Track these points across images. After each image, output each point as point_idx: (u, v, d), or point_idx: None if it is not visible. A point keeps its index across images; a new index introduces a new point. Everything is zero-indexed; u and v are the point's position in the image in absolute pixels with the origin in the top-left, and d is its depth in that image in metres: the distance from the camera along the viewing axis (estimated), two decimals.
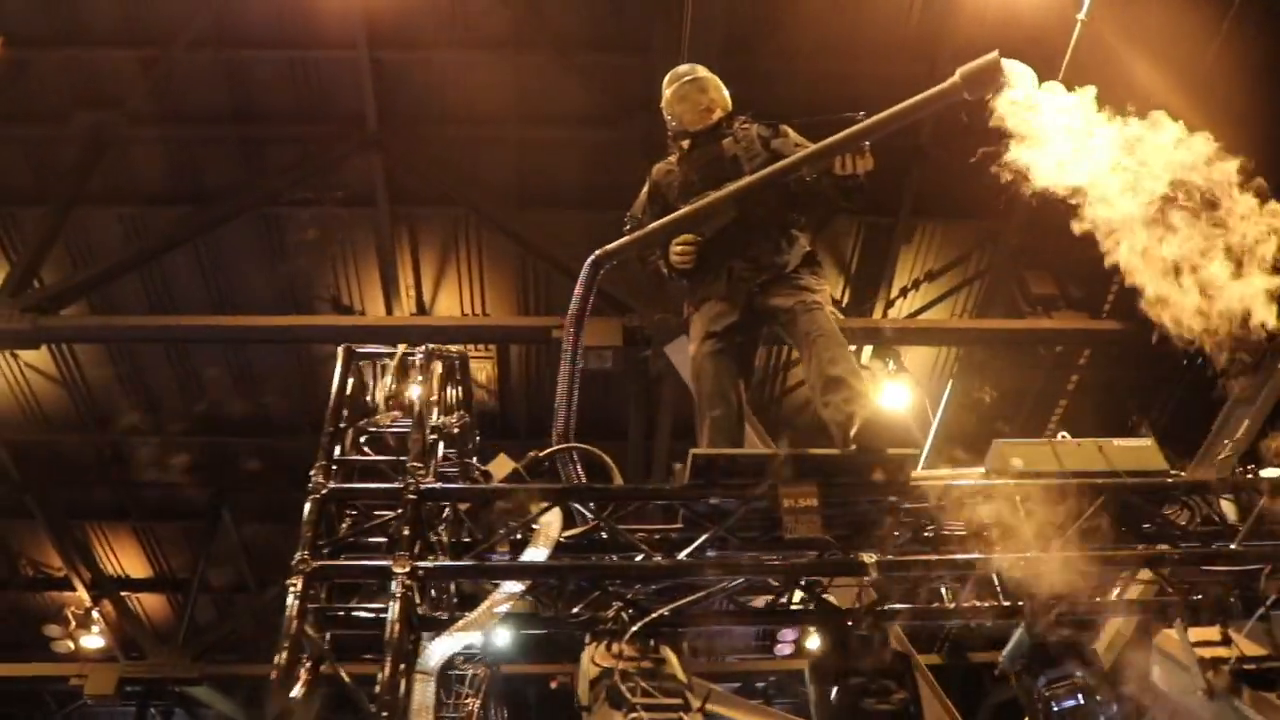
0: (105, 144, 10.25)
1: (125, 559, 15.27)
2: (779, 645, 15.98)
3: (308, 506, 4.55)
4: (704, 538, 4.59)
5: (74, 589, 14.13)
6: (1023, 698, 4.77)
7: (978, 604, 4.71)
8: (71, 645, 14.62)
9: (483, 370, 13.00)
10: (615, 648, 4.23)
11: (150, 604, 15.86)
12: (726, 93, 5.70)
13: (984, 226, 11.22)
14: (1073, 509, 4.58)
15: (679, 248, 5.22)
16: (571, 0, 9.87)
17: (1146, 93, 5.09)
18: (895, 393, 11.72)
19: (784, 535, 4.51)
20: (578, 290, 5.08)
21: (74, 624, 14.57)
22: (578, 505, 4.81)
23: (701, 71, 5.76)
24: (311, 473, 4.64)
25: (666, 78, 5.80)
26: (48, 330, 9.53)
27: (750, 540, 4.70)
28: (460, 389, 5.51)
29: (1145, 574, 4.75)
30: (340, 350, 5.21)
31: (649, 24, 9.68)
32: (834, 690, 4.40)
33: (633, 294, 9.85)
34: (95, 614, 14.26)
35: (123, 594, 14.60)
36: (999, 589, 4.62)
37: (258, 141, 10.70)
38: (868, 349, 11.86)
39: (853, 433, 4.60)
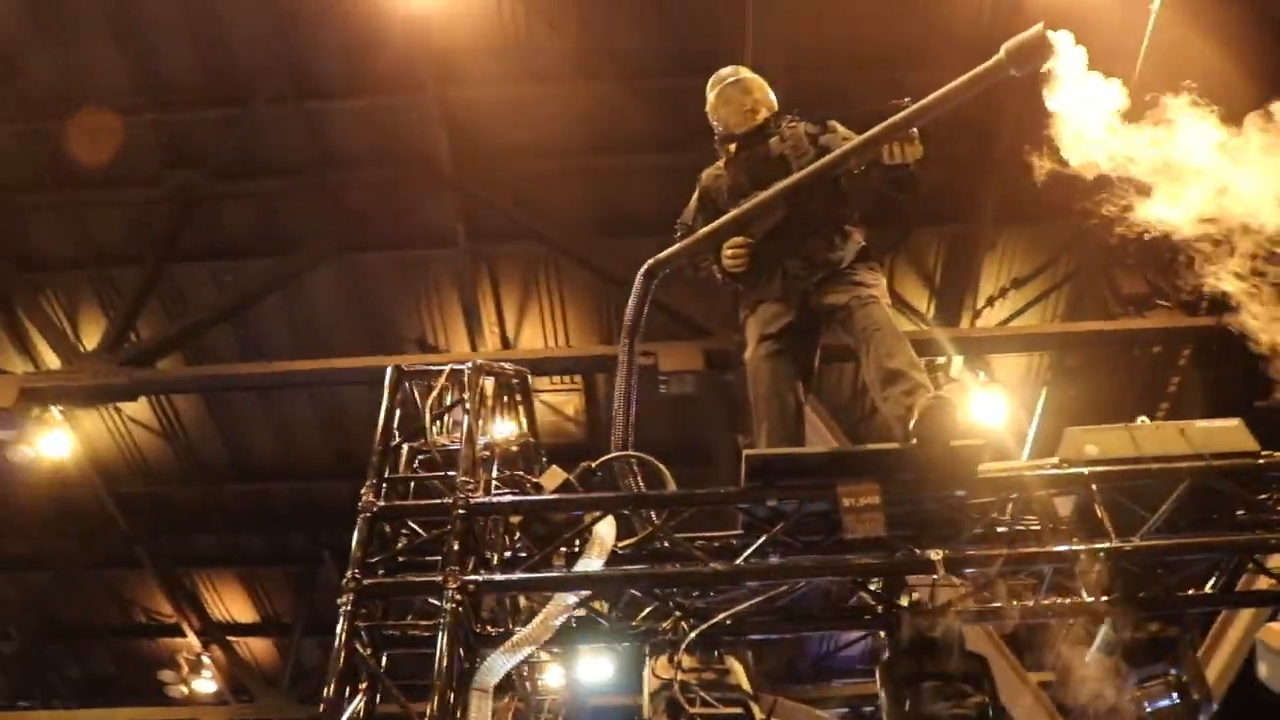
0: (194, 201, 10.59)
1: (232, 604, 15.62)
2: None
3: (358, 525, 4.55)
4: (759, 541, 4.46)
5: (185, 635, 14.48)
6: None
7: (1059, 601, 4.52)
8: (185, 690, 14.99)
9: (570, 403, 13.07)
10: (676, 659, 4.15)
11: (257, 648, 16.19)
12: (771, 93, 5.60)
13: (1069, 227, 10.93)
14: (1153, 497, 4.36)
15: (730, 251, 5.11)
16: (634, 27, 9.91)
17: (1223, 84, 4.87)
18: (988, 404, 11.46)
19: (844, 536, 4.36)
20: (632, 301, 5.03)
21: (186, 669, 14.94)
22: (633, 514, 4.71)
23: (744, 73, 5.68)
24: (362, 491, 4.65)
25: (709, 81, 5.72)
26: (143, 382, 9.83)
27: (814, 544, 4.55)
28: (524, 408, 5.48)
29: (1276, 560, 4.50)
30: (389, 369, 5.21)
31: (714, 44, 9.67)
32: (906, 696, 4.22)
33: (711, 317, 9.80)
34: (205, 659, 14.58)
35: (230, 639, 14.91)
36: (1080, 585, 4.42)
37: (337, 189, 10.92)
38: (957, 360, 11.63)
39: (911, 425, 4.43)
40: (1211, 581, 4.56)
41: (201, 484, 13.34)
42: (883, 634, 4.64)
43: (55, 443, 11.31)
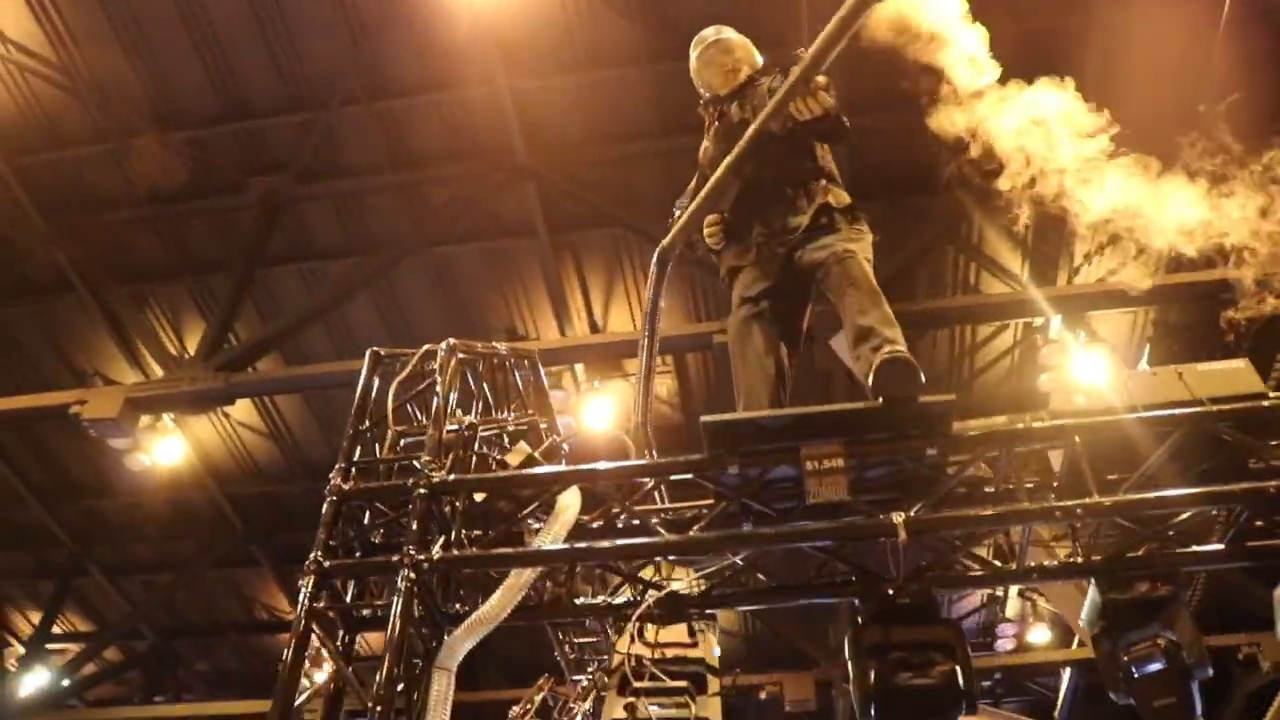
0: (279, 206, 10.84)
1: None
2: (999, 641, 15.30)
3: (324, 509, 4.62)
4: (717, 510, 4.36)
5: None
6: (1101, 664, 4.23)
7: (1045, 563, 4.29)
8: (307, 682, 15.42)
9: (663, 384, 13.05)
10: (630, 632, 4.09)
11: (375, 641, 16.55)
12: (755, 52, 5.45)
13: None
14: (1145, 447, 4.11)
15: (707, 230, 5.08)
16: (696, 6, 9.80)
17: None
18: (1091, 363, 11.08)
19: (807, 500, 4.20)
20: (649, 288, 4.98)
21: (308, 663, 15.34)
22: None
23: (727, 32, 5.55)
24: (330, 475, 4.70)
25: (692, 44, 5.60)
26: (240, 385, 10.12)
27: (788, 511, 4.40)
28: (534, 390, 5.46)
29: None
30: (367, 353, 5.24)
31: (779, 16, 9.51)
32: (871, 667, 4.05)
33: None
34: (324, 653, 14.96)
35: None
36: (1071, 545, 4.20)
37: (416, 185, 11.07)
38: (1055, 321, 11.28)
39: (869, 381, 4.25)
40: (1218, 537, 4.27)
41: (308, 481, 13.71)
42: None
43: (169, 449, 11.77)
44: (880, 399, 4.24)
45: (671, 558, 4.58)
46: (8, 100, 10.51)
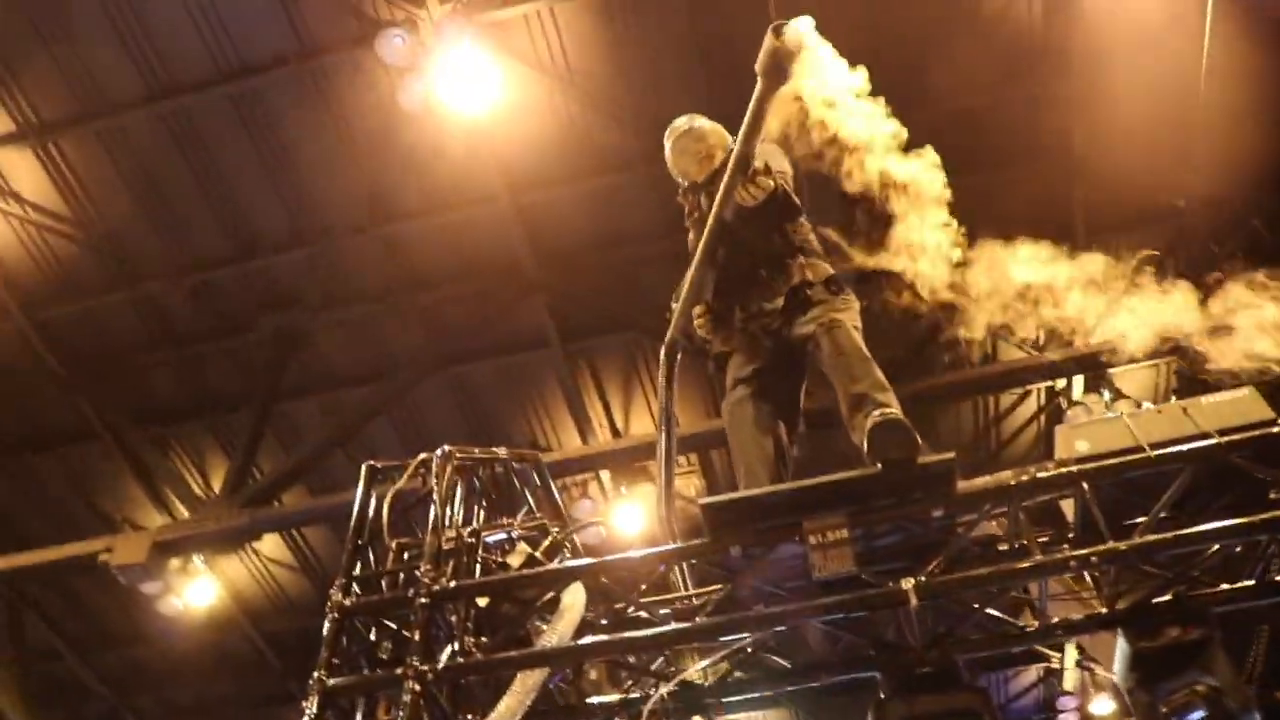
0: (293, 340, 10.96)
1: None
2: (1061, 715, 14.83)
3: (325, 625, 4.58)
4: (720, 595, 4.30)
5: None
6: (1141, 715, 4.04)
7: (1070, 617, 4.17)
8: None
9: (690, 483, 12.94)
10: None
11: None
12: (728, 136, 5.43)
13: (1167, 228, 10.49)
14: (1160, 488, 4.00)
15: (696, 321, 5.09)
16: (686, 99, 9.96)
17: None
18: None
19: (814, 575, 4.09)
20: (661, 383, 4.97)
21: None
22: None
23: (699, 120, 5.58)
24: (330, 592, 4.67)
25: (665, 134, 5.65)
26: (265, 520, 10.13)
27: (799, 589, 4.31)
28: (541, 492, 5.42)
29: None
30: (364, 467, 5.23)
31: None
32: None
33: None
34: None
35: None
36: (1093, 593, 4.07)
37: (427, 306, 11.19)
38: (1078, 382, 11.20)
39: (864, 448, 4.19)
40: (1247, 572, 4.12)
41: None
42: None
43: (201, 591, 11.72)
44: (878, 464, 4.17)
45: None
46: (25, 257, 10.76)
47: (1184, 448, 4.12)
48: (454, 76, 8.87)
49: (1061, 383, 11.42)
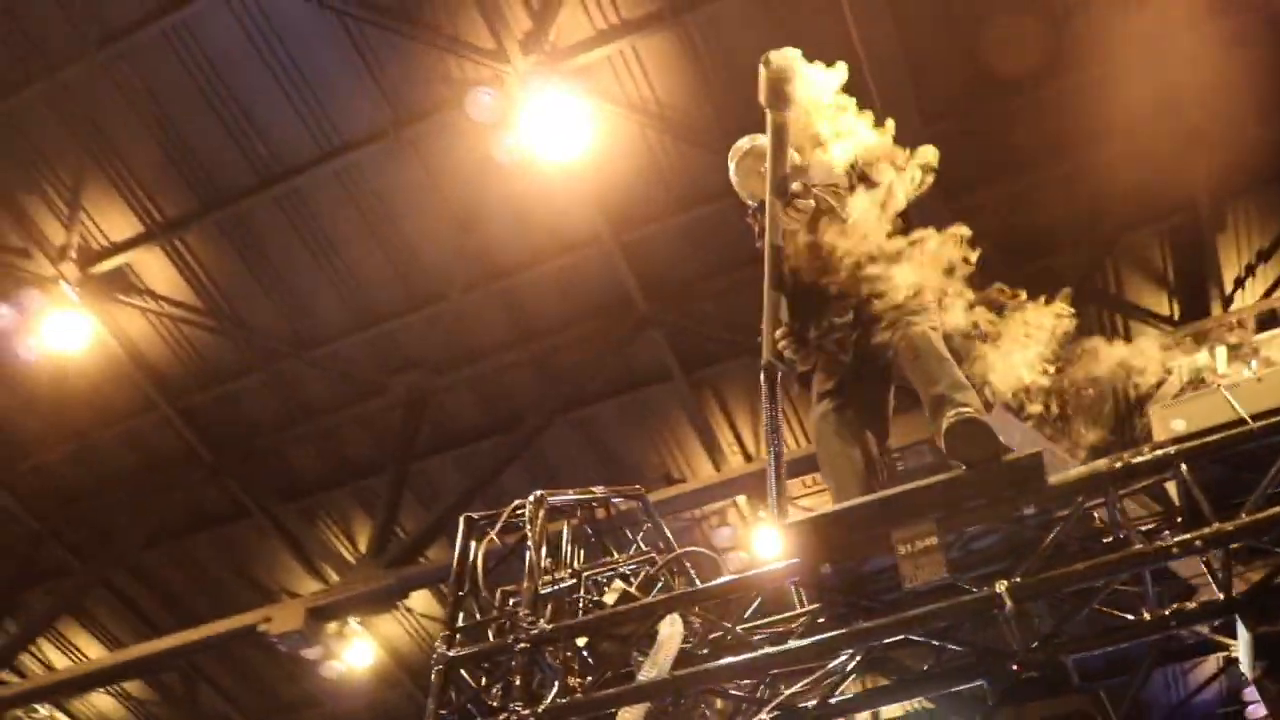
0: (421, 400, 11.25)
1: None
2: (1250, 707, 14.05)
3: (432, 678, 4.68)
4: (805, 613, 4.26)
5: None
6: (1271, 708, 3.79)
7: (1183, 606, 3.92)
8: None
9: (825, 502, 12.77)
10: None
11: None
12: (794, 154, 5.37)
13: None
14: (1266, 460, 3.75)
15: (780, 343, 4.98)
16: None
17: None
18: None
19: (904, 586, 3.96)
20: (764, 403, 4.91)
21: None
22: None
23: (761, 139, 5.52)
24: (436, 644, 4.79)
25: (729, 156, 5.71)
26: (411, 578, 10.38)
27: (896, 602, 4.17)
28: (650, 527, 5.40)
29: None
30: (461, 520, 5.37)
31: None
32: None
33: None
34: None
35: None
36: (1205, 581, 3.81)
37: (546, 354, 11.33)
38: (1221, 353, 10.67)
39: (942, 445, 4.05)
40: None
41: None
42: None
43: (360, 652, 12.06)
44: (963, 466, 4.07)
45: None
46: (165, 349, 11.33)
47: None
48: (544, 125, 9.02)
49: (1203, 358, 10.92)
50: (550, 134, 9.07)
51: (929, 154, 4.64)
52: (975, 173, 9.73)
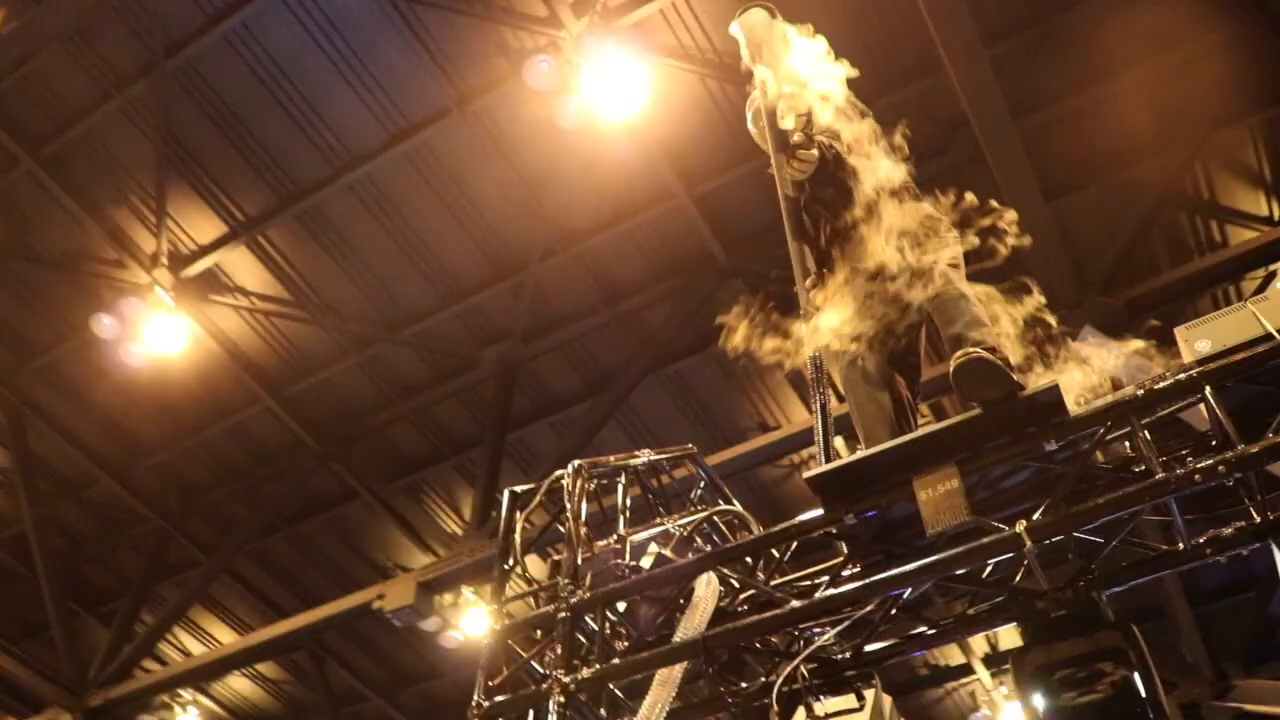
0: (513, 370, 11.38)
1: None
2: None
3: (482, 649, 4.76)
4: (830, 564, 4.20)
5: None
6: None
7: (1221, 533, 3.70)
8: None
9: None
10: (817, 707, 3.84)
11: None
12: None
13: None
14: None
15: (811, 293, 4.91)
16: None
17: None
18: None
19: (927, 531, 3.84)
20: (811, 388, 4.82)
21: None
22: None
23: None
24: (486, 615, 4.82)
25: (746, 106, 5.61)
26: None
27: (926, 547, 4.03)
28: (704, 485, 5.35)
29: None
30: (505, 494, 5.38)
31: (912, 45, 9.30)
32: (1036, 691, 3.61)
33: None
34: None
35: None
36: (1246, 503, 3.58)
37: (632, 313, 11.36)
38: None
39: (953, 381, 3.91)
40: None
41: None
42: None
43: (477, 621, 12.31)
44: (977, 405, 3.96)
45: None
46: (260, 344, 11.65)
47: None
48: (604, 87, 8.98)
49: None
50: (611, 94, 9.02)
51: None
52: (1045, 88, 9.44)
